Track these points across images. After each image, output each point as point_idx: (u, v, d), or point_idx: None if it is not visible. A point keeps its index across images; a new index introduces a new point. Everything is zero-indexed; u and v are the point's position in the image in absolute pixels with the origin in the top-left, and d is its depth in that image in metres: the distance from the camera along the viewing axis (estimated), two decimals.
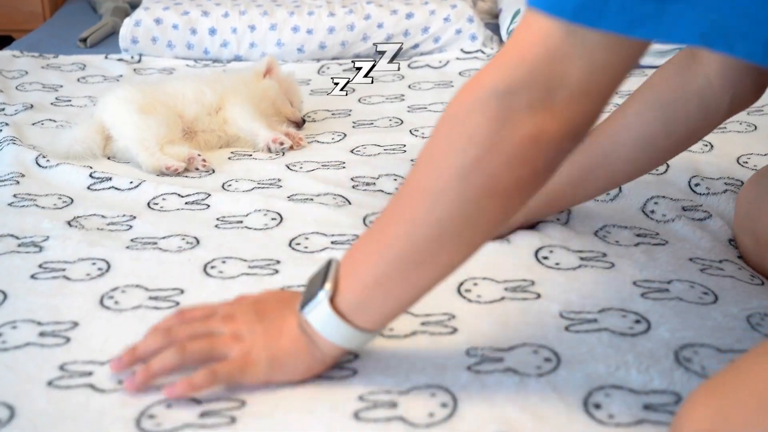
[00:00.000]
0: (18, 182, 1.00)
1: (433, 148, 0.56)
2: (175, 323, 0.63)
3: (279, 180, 1.04)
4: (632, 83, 0.83)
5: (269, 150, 1.15)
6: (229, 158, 1.14)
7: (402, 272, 0.57)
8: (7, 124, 1.20)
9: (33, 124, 1.26)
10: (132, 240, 0.84)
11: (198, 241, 0.85)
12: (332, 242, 0.85)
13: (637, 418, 0.56)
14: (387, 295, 0.58)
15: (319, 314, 0.58)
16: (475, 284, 0.74)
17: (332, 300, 0.58)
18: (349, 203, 0.96)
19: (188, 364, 0.59)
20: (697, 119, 0.78)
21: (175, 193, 0.98)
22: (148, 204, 0.96)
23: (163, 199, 0.97)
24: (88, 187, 1.00)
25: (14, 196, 0.96)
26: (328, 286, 0.58)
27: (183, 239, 0.85)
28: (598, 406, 0.57)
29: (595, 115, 0.54)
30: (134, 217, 0.91)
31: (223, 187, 1.02)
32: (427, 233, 0.56)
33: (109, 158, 1.12)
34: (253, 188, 1.02)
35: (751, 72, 0.75)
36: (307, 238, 0.85)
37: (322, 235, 0.86)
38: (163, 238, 0.85)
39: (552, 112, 0.52)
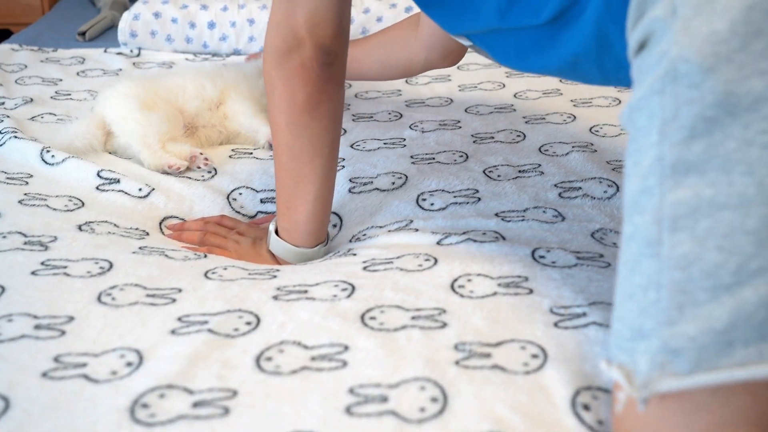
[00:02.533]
0: (27, 182, 1.00)
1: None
2: (213, 221, 0.97)
3: None
4: None
5: (270, 147, 1.15)
6: (231, 156, 1.14)
7: (292, 193, 0.85)
8: (8, 116, 1.20)
9: (32, 118, 1.26)
10: (140, 248, 0.85)
11: (205, 255, 0.86)
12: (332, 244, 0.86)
13: None
14: (294, 214, 0.85)
15: (271, 240, 0.89)
16: (469, 280, 0.74)
17: (277, 231, 0.89)
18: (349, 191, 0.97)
19: (202, 245, 0.93)
20: (404, 65, 1.21)
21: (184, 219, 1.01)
22: (160, 224, 0.98)
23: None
24: (97, 188, 1.01)
25: (25, 194, 0.96)
26: (273, 222, 0.90)
27: (194, 253, 0.87)
28: (587, 408, 0.56)
29: (331, 37, 0.79)
30: (147, 233, 0.92)
31: (228, 198, 1.03)
32: (284, 161, 0.84)
33: (110, 153, 1.13)
34: (259, 199, 1.04)
35: (438, 45, 1.14)
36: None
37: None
38: (173, 249, 0.86)
39: (304, 45, 0.79)
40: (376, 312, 0.69)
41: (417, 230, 0.87)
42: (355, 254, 0.83)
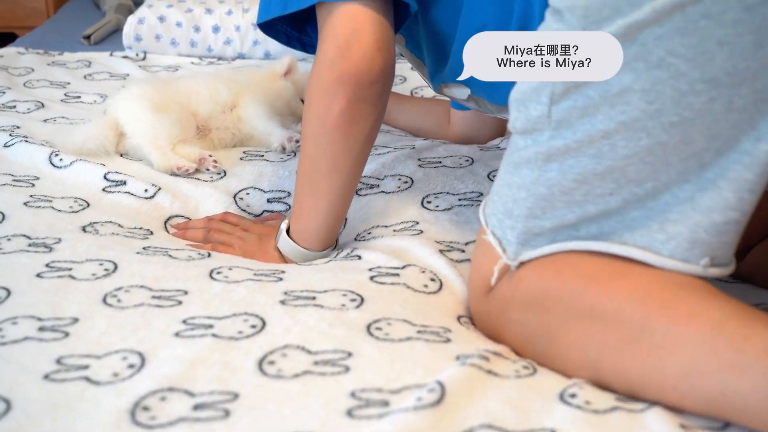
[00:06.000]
0: (33, 185, 1.00)
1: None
2: (217, 218, 0.97)
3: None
4: None
5: (284, 149, 1.16)
6: (241, 159, 1.14)
7: (307, 200, 0.85)
8: (18, 127, 1.20)
9: (45, 120, 1.26)
10: (144, 248, 0.85)
11: (209, 254, 0.86)
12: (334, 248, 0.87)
13: (611, 405, 0.60)
14: (306, 220, 0.86)
15: (281, 238, 0.88)
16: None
17: (288, 230, 0.88)
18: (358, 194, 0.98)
19: (206, 242, 0.92)
20: (441, 135, 1.25)
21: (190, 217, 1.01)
22: (165, 224, 0.98)
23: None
24: (104, 189, 1.01)
25: (30, 196, 0.96)
26: (286, 221, 0.89)
27: (197, 252, 0.87)
28: (573, 396, 0.61)
29: (373, 48, 0.76)
30: (151, 232, 0.93)
31: (234, 198, 1.04)
32: (306, 169, 0.84)
33: (121, 155, 1.13)
34: (266, 199, 1.04)
35: (469, 139, 1.22)
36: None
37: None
38: (176, 249, 0.86)
39: (348, 62, 0.76)
40: (383, 323, 0.69)
41: (422, 232, 0.87)
42: (359, 257, 0.83)
